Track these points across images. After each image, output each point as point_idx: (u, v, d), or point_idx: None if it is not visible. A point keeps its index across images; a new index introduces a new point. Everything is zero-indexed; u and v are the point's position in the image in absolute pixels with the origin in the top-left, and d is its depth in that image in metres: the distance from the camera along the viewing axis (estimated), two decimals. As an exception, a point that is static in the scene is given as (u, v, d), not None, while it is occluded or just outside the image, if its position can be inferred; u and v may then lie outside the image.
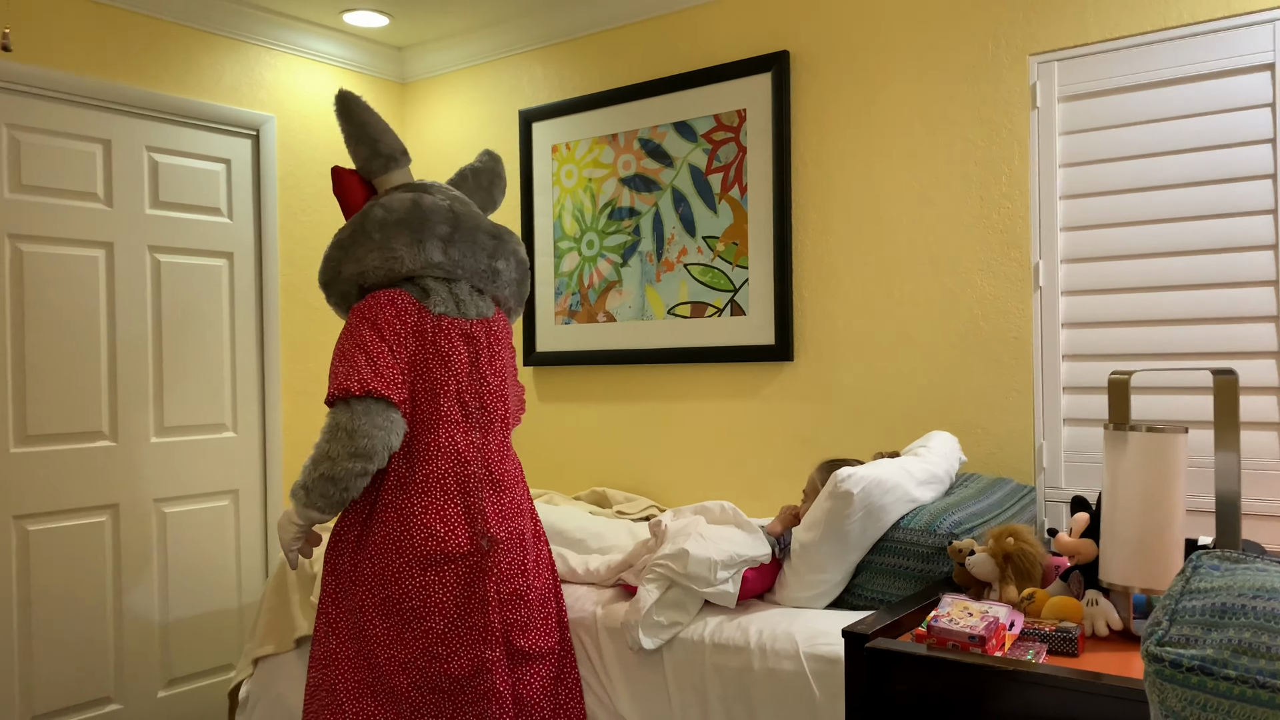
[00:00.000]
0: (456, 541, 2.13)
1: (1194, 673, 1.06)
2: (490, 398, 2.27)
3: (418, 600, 2.11)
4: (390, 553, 2.13)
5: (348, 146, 2.36)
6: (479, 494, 2.19)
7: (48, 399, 3.10)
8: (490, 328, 2.31)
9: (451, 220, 2.26)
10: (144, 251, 3.34)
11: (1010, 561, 1.94)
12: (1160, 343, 2.55)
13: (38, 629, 3.07)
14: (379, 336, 2.13)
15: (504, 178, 2.54)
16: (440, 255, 2.23)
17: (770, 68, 3.16)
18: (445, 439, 2.18)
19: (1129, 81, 2.58)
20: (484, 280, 2.32)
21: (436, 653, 2.11)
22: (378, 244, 2.20)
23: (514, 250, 2.40)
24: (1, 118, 3.00)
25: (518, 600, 2.21)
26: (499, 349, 2.33)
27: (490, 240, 2.33)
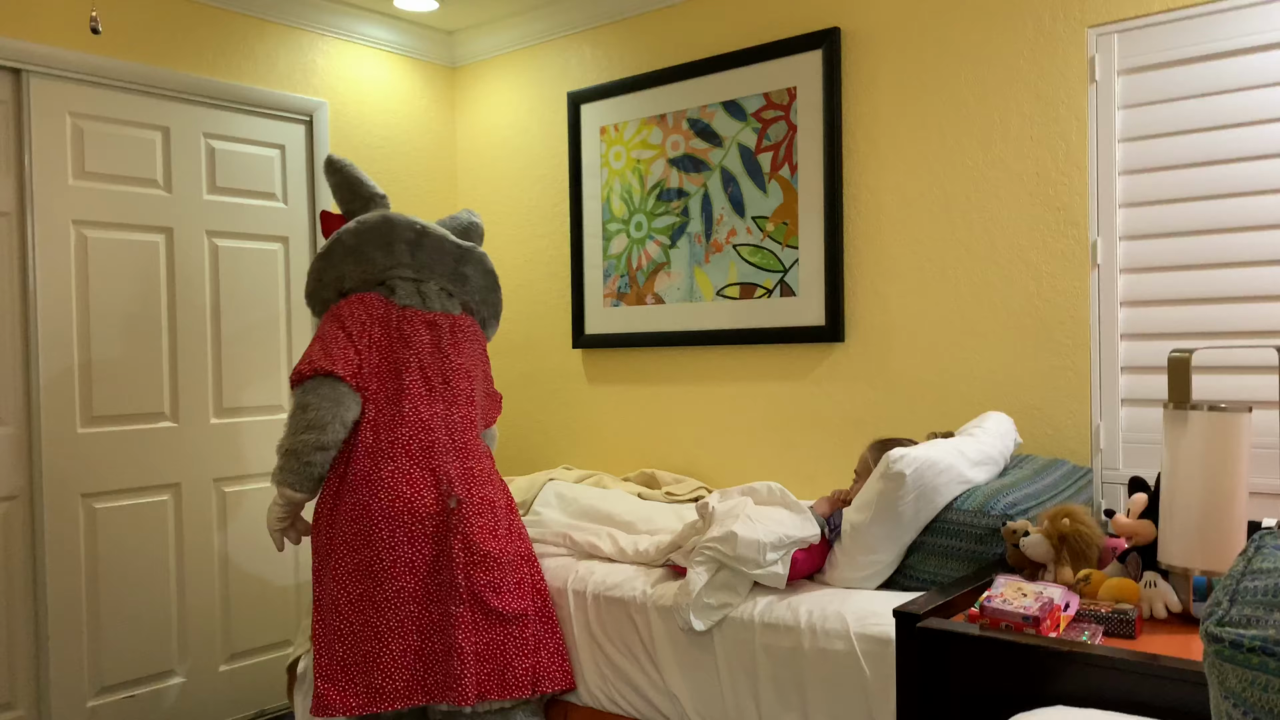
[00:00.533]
0: (423, 502, 2.38)
1: (1255, 653, 1.04)
2: (454, 374, 2.54)
3: (389, 560, 2.34)
4: (362, 518, 2.37)
5: (334, 196, 2.74)
6: (444, 459, 2.44)
7: (112, 381, 3.18)
8: (455, 322, 2.60)
9: (418, 231, 2.61)
10: (202, 236, 3.41)
11: (1066, 543, 1.91)
12: (1222, 321, 2.49)
13: (105, 604, 3.16)
14: (339, 327, 2.46)
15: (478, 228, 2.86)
16: (408, 256, 2.59)
17: (821, 45, 3.12)
18: (410, 410, 2.45)
19: (1192, 53, 2.51)
20: (453, 283, 2.65)
21: (409, 610, 2.34)
22: (352, 249, 2.57)
23: (479, 260, 2.71)
24: (65, 106, 3.08)
25: (490, 562, 2.39)
26: (462, 339, 2.61)
27: (456, 249, 2.65)
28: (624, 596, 2.38)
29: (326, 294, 2.62)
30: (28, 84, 2.99)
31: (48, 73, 3.02)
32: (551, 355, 3.95)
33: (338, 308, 2.52)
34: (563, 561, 2.63)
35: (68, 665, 3.07)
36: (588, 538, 2.68)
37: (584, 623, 2.45)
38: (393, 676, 2.32)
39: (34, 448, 3.02)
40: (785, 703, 2.09)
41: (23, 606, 3.01)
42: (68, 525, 3.08)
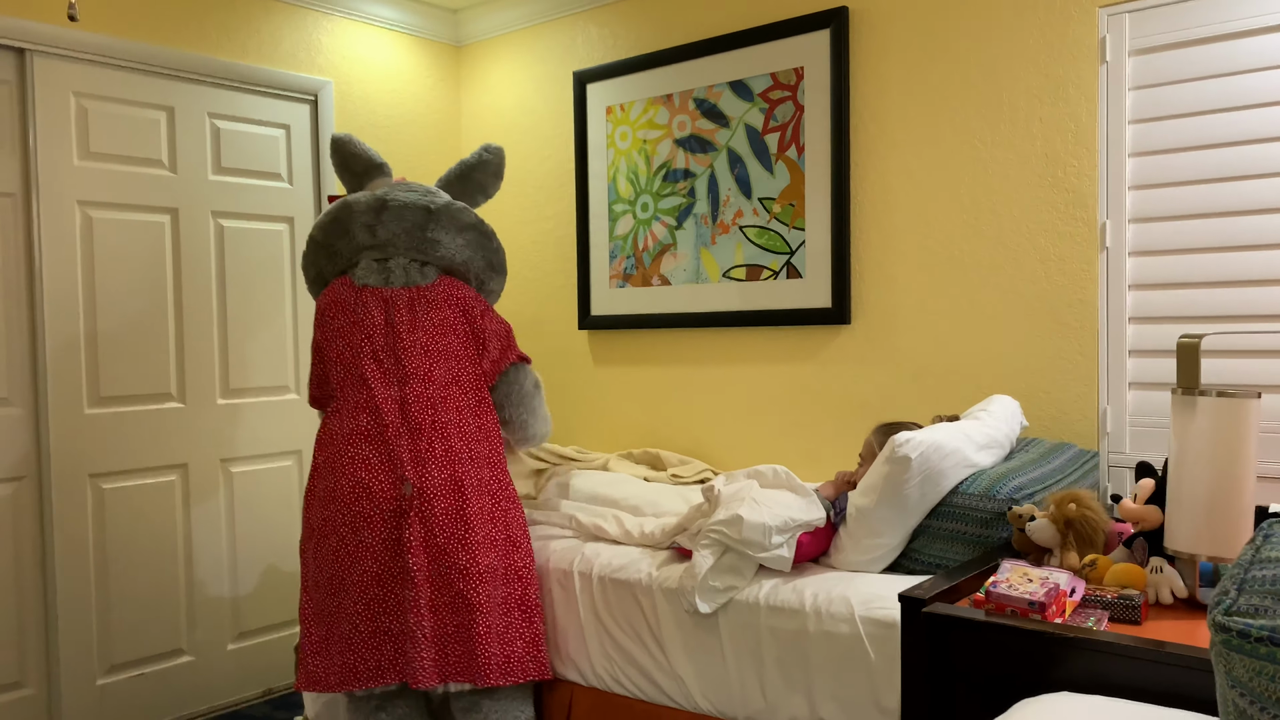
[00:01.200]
0: (380, 486, 2.40)
1: (1263, 643, 1.04)
2: (406, 353, 2.51)
3: (351, 544, 2.39)
4: (329, 503, 2.44)
5: (339, 177, 2.79)
6: (397, 442, 2.43)
7: (118, 362, 3.19)
8: (417, 294, 2.56)
9: (376, 205, 2.59)
10: (207, 217, 3.40)
11: (1072, 527, 1.91)
12: (1232, 305, 2.47)
13: (114, 583, 3.18)
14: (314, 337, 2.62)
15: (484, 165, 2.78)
16: (369, 237, 2.58)
17: (829, 24, 3.10)
18: (365, 395, 2.48)
19: (1204, 34, 2.48)
20: (422, 251, 2.59)
21: (373, 593, 2.38)
22: (321, 245, 2.64)
23: (453, 217, 2.63)
24: (69, 86, 3.06)
25: (456, 545, 2.39)
26: (425, 310, 2.56)
27: (422, 215, 2.60)
28: (629, 579, 2.39)
29: (316, 289, 2.73)
30: (31, 63, 2.98)
31: (51, 52, 3.01)
32: (557, 336, 3.95)
33: (317, 309, 2.64)
34: (569, 543, 2.64)
35: (77, 644, 3.10)
36: (594, 520, 2.69)
37: (590, 605, 2.46)
38: (364, 656, 2.38)
39: (41, 428, 3.03)
40: (790, 685, 2.10)
41: (32, 586, 3.03)
42: (75, 505, 3.09)
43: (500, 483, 2.56)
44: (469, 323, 2.61)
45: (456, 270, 2.66)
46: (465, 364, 2.58)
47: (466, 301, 2.63)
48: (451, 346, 2.56)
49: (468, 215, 2.67)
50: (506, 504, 2.54)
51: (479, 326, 2.62)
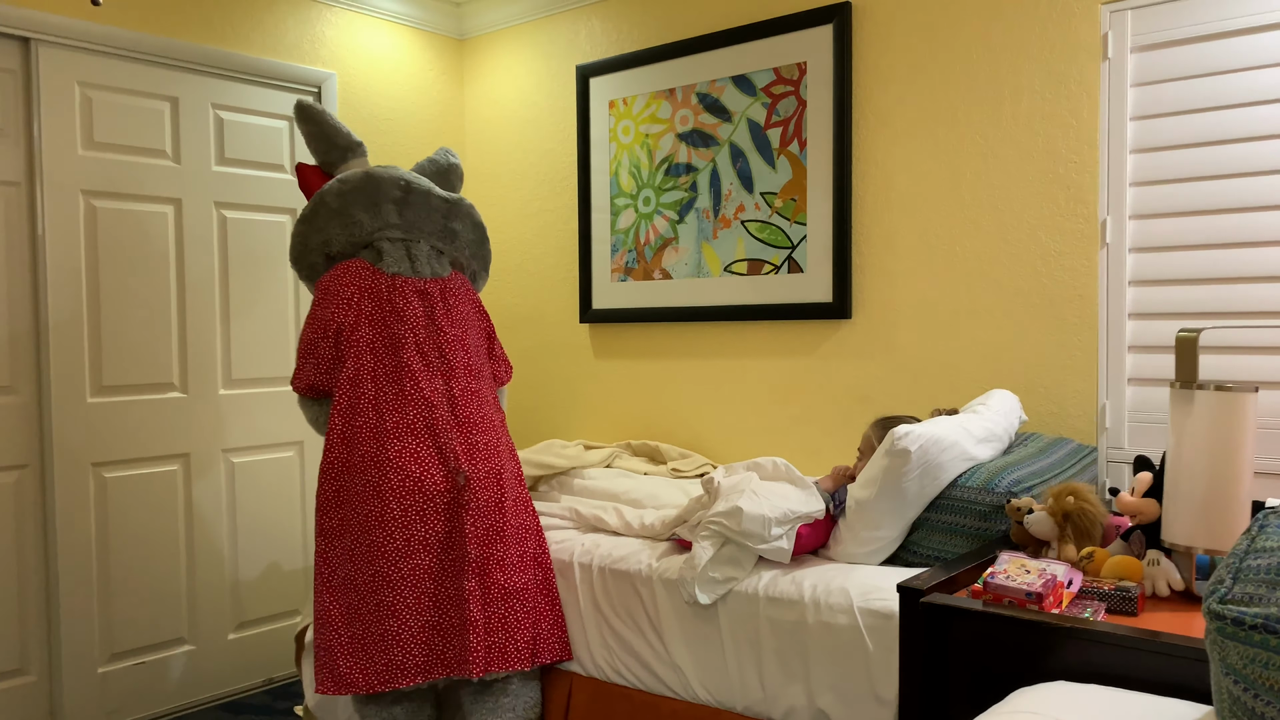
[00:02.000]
0: (432, 479, 2.37)
1: (1256, 630, 1.05)
2: (449, 346, 2.50)
3: (402, 539, 2.34)
4: (374, 498, 2.35)
5: (309, 146, 2.65)
6: (448, 435, 2.41)
7: (122, 351, 3.20)
8: (445, 285, 2.55)
9: (404, 186, 2.52)
10: (210, 207, 3.41)
11: (1070, 520, 1.92)
12: (1231, 301, 2.49)
13: (116, 572, 3.20)
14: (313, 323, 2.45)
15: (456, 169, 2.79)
16: (396, 217, 2.51)
17: (832, 19, 3.10)
18: (411, 388, 2.43)
19: (1206, 31, 2.49)
20: (443, 241, 2.58)
21: (425, 587, 2.35)
22: (336, 212, 2.49)
23: (468, 213, 2.64)
24: (74, 76, 3.07)
25: (496, 536, 2.40)
26: (455, 303, 2.56)
27: (443, 204, 2.58)
28: (629, 569, 2.40)
29: (313, 258, 2.55)
30: (36, 53, 2.99)
31: (56, 42, 3.02)
32: (559, 330, 3.96)
33: (324, 282, 2.49)
34: (569, 534, 2.65)
35: (79, 632, 3.11)
36: (594, 511, 2.70)
37: (589, 595, 2.47)
38: (411, 652, 2.34)
39: (44, 417, 3.04)
40: (789, 675, 2.11)
41: (34, 574, 3.05)
42: (78, 494, 3.10)
43: (521, 474, 2.61)
44: (480, 317, 2.66)
45: (461, 264, 2.67)
46: (485, 359, 2.63)
47: (476, 301, 2.67)
48: (477, 342, 2.61)
49: (477, 214, 2.69)
50: (527, 494, 2.60)
51: (485, 322, 2.68)
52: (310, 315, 2.48)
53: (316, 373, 2.48)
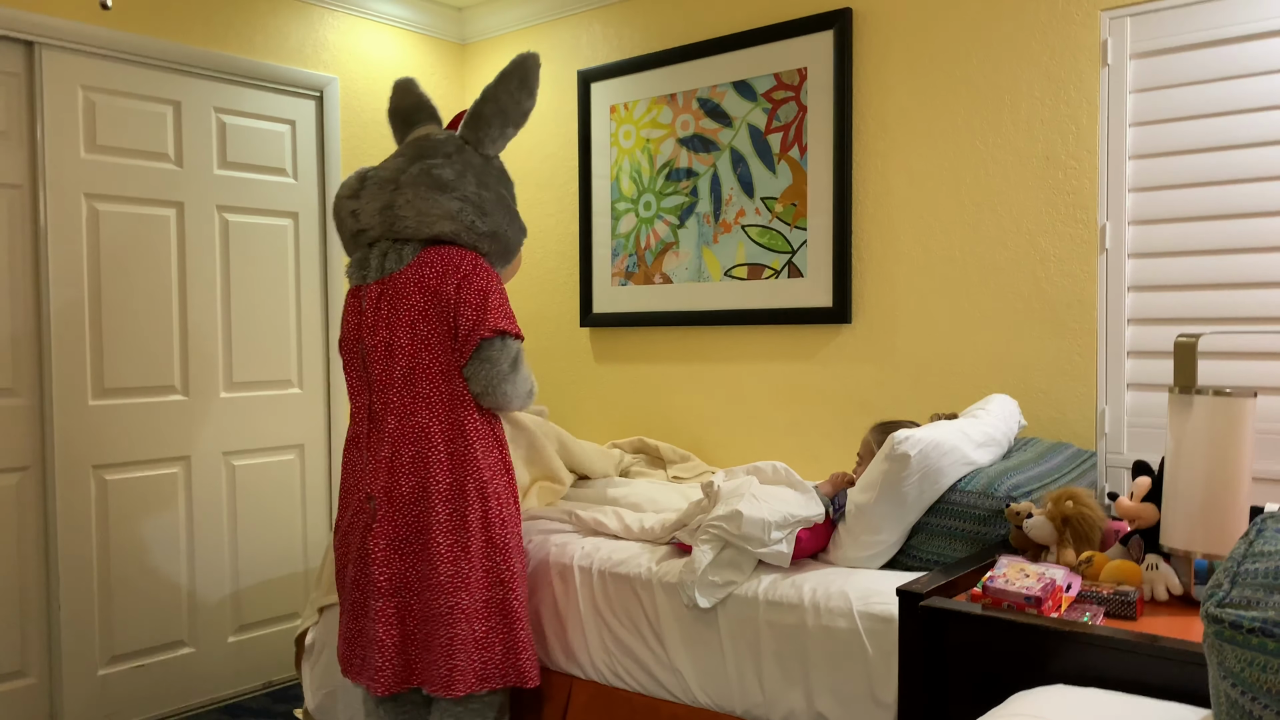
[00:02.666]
0: (356, 495, 2.38)
1: (1254, 634, 1.06)
2: (369, 356, 2.36)
3: (341, 549, 2.42)
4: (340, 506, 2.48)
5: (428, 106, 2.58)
6: (364, 451, 2.38)
7: (123, 353, 3.21)
8: (385, 286, 2.33)
9: (356, 186, 2.41)
10: (212, 211, 3.42)
11: (1069, 525, 1.93)
12: (1230, 307, 2.49)
13: (115, 574, 3.20)
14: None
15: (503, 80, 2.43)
16: (353, 222, 2.41)
17: (832, 25, 3.12)
18: (355, 403, 2.43)
19: (1205, 37, 2.50)
20: (397, 229, 2.33)
21: (353, 598, 2.37)
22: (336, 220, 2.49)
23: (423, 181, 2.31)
24: (77, 79, 3.08)
25: (414, 556, 2.31)
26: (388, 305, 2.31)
27: (388, 189, 2.34)
28: (629, 573, 2.41)
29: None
30: (40, 56, 3.00)
31: (60, 45, 3.03)
32: (559, 333, 3.97)
33: None
34: (568, 538, 2.66)
35: (79, 634, 3.11)
36: (593, 514, 2.70)
37: (589, 598, 2.48)
38: (354, 653, 2.40)
39: (46, 419, 3.05)
40: (788, 678, 2.11)
41: (35, 576, 3.05)
42: (79, 496, 3.11)
43: (479, 482, 2.31)
44: (438, 302, 2.28)
45: (444, 238, 2.35)
46: (436, 354, 2.30)
47: (437, 277, 2.30)
48: (418, 338, 2.29)
49: (437, 177, 2.32)
50: (487, 503, 2.32)
51: (449, 302, 2.28)
52: None
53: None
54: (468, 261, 2.32)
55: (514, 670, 2.33)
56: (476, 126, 2.44)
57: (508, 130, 2.46)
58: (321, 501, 3.76)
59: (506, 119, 2.44)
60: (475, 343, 2.28)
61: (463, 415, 2.32)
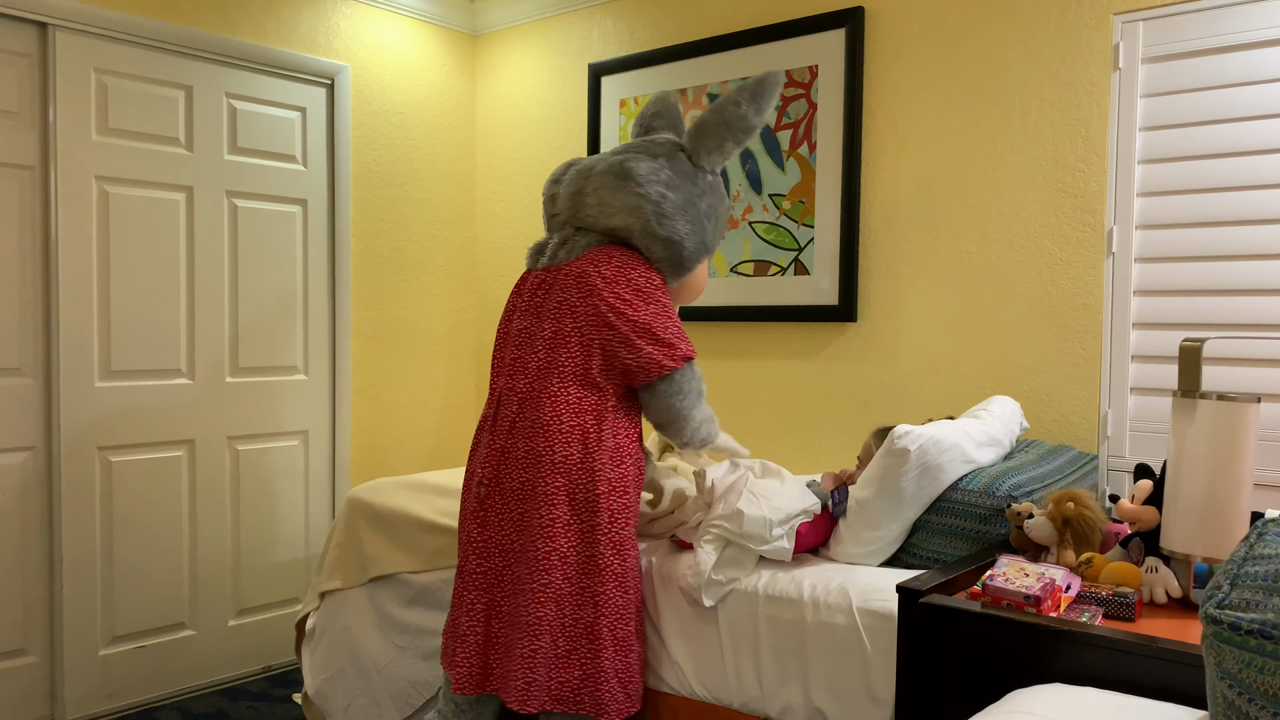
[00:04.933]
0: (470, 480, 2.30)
1: (1253, 635, 1.06)
2: (515, 341, 2.29)
3: (463, 535, 2.32)
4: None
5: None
6: (491, 436, 2.28)
7: (130, 336, 3.22)
8: (551, 274, 2.27)
9: (561, 171, 2.42)
10: (222, 196, 3.43)
11: (1069, 526, 1.93)
12: (1236, 313, 2.50)
13: (119, 556, 3.22)
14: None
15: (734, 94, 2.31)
16: (550, 208, 2.41)
17: (844, 23, 3.12)
18: (491, 385, 2.37)
19: (1217, 43, 2.50)
20: (579, 217, 2.29)
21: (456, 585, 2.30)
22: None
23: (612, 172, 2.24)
24: (90, 62, 3.09)
25: (513, 555, 2.20)
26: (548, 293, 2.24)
27: (583, 177, 2.30)
28: (630, 565, 2.41)
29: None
30: (53, 38, 3.01)
31: (73, 27, 3.04)
32: (564, 326, 3.97)
33: None
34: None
35: (80, 614, 3.13)
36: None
37: (590, 589, 2.48)
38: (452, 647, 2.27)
39: (52, 400, 3.06)
40: (786, 673, 2.12)
41: (38, 556, 3.07)
42: (84, 477, 3.12)
43: (591, 494, 2.16)
44: (593, 305, 2.18)
45: (617, 236, 2.26)
46: (573, 354, 2.19)
47: (598, 278, 2.19)
48: (559, 333, 2.20)
49: (637, 165, 2.23)
50: (595, 518, 2.17)
51: (604, 310, 2.17)
52: None
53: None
54: (638, 273, 2.22)
55: (592, 700, 2.15)
56: (696, 135, 2.32)
57: (727, 144, 2.31)
58: (324, 488, 3.77)
59: (728, 130, 2.29)
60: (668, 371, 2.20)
61: (589, 423, 2.19)
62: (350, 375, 3.81)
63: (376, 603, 2.74)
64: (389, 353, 3.96)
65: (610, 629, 2.17)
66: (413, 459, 4.08)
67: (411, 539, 2.69)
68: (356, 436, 3.85)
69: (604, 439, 2.19)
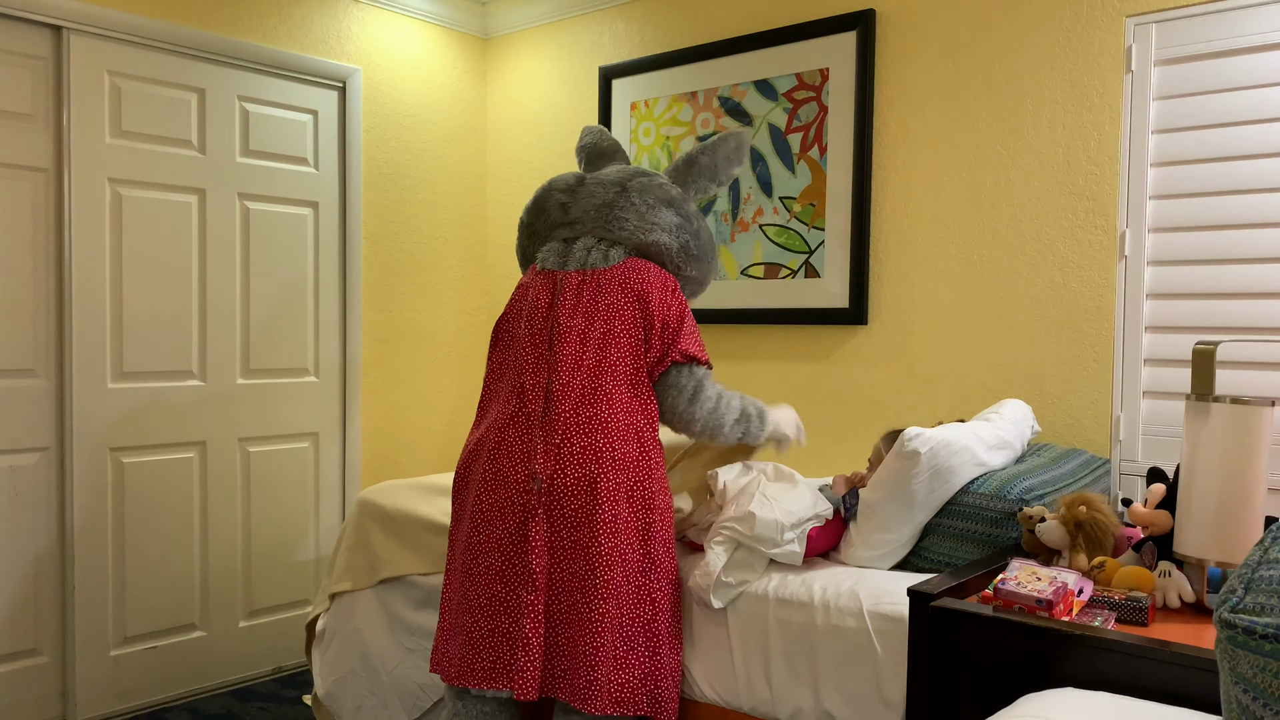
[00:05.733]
0: (513, 478, 2.21)
1: (1268, 640, 1.06)
2: (561, 337, 2.27)
3: (484, 534, 2.24)
4: (468, 489, 2.31)
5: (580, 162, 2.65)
6: (536, 433, 2.22)
7: (142, 338, 3.23)
8: (591, 276, 2.31)
9: (575, 182, 2.45)
10: (234, 198, 3.45)
11: (1081, 530, 1.92)
12: (1249, 317, 2.48)
13: (130, 557, 3.23)
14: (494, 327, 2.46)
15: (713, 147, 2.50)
16: (561, 214, 2.42)
17: (855, 26, 3.11)
18: (516, 380, 2.30)
19: (1230, 45, 2.49)
20: (610, 229, 2.35)
21: (494, 590, 2.20)
22: (526, 226, 2.52)
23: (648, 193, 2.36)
24: (103, 65, 3.11)
25: (576, 552, 2.16)
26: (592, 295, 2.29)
27: (614, 190, 2.37)
28: (640, 567, 2.41)
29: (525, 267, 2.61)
30: (68, 41, 3.03)
31: (88, 30, 3.06)
32: (574, 329, 3.97)
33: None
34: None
35: (92, 615, 3.14)
36: None
37: (600, 592, 2.48)
38: (481, 655, 2.20)
39: (65, 401, 3.08)
40: (796, 677, 2.12)
41: (50, 556, 3.08)
42: (95, 478, 3.14)
43: (647, 492, 2.21)
44: (641, 307, 2.28)
45: (649, 252, 2.37)
46: (624, 353, 2.26)
47: (645, 284, 2.30)
48: (611, 334, 2.26)
49: (665, 191, 2.38)
50: (650, 516, 2.21)
51: (649, 310, 2.28)
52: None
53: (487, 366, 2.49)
54: (672, 281, 2.35)
55: (650, 700, 2.18)
56: (688, 171, 2.48)
57: (710, 186, 2.51)
58: (334, 490, 3.78)
59: (714, 176, 2.50)
60: (665, 366, 2.28)
61: (640, 422, 2.25)
62: (361, 377, 3.82)
63: (386, 605, 2.74)
64: (399, 355, 3.97)
65: (666, 627, 2.21)
66: (423, 461, 4.08)
67: (421, 541, 2.70)
68: (367, 438, 3.85)
69: (655, 439, 2.27)
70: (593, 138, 2.64)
